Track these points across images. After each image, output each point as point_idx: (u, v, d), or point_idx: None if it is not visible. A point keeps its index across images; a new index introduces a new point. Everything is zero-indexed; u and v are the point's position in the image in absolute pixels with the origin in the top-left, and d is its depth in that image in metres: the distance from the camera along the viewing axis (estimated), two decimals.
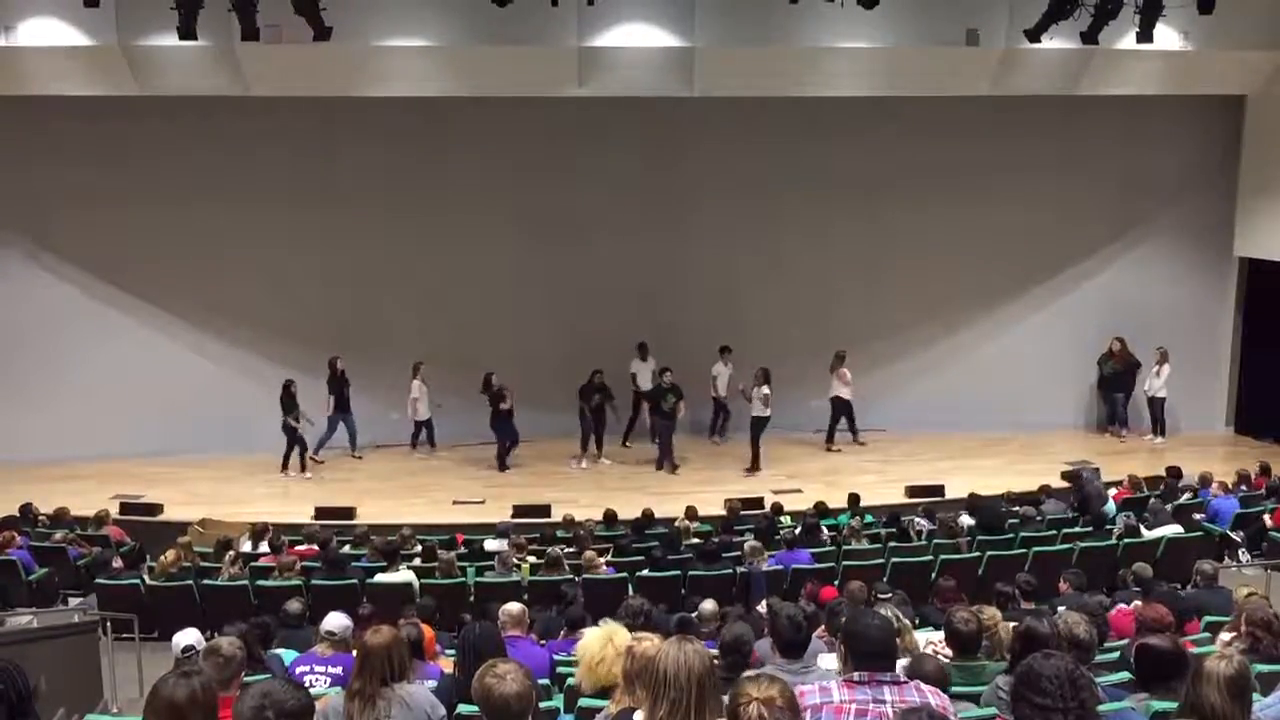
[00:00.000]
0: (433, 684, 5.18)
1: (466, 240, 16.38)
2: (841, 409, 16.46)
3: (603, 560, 10.94)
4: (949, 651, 5.61)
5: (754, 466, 15.50)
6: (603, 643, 4.71)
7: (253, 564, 10.89)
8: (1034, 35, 13.28)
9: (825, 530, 12.07)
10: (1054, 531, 11.75)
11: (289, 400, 15.12)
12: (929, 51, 14.26)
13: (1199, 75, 15.38)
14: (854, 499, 13.00)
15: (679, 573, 10.53)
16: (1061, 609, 7.51)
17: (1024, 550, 11.06)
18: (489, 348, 16.02)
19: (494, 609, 7.09)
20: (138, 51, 13.39)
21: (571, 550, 11.34)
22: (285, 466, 15.37)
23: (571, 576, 10.22)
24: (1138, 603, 7.87)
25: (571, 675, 5.44)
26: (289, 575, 10.14)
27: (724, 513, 13.13)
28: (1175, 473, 13.88)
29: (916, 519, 12.44)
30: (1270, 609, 6.27)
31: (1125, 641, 6.49)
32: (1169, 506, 12.29)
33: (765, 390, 15.11)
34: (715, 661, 5.13)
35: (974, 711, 4.79)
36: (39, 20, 13.09)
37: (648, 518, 12.62)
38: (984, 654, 5.63)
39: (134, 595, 10.15)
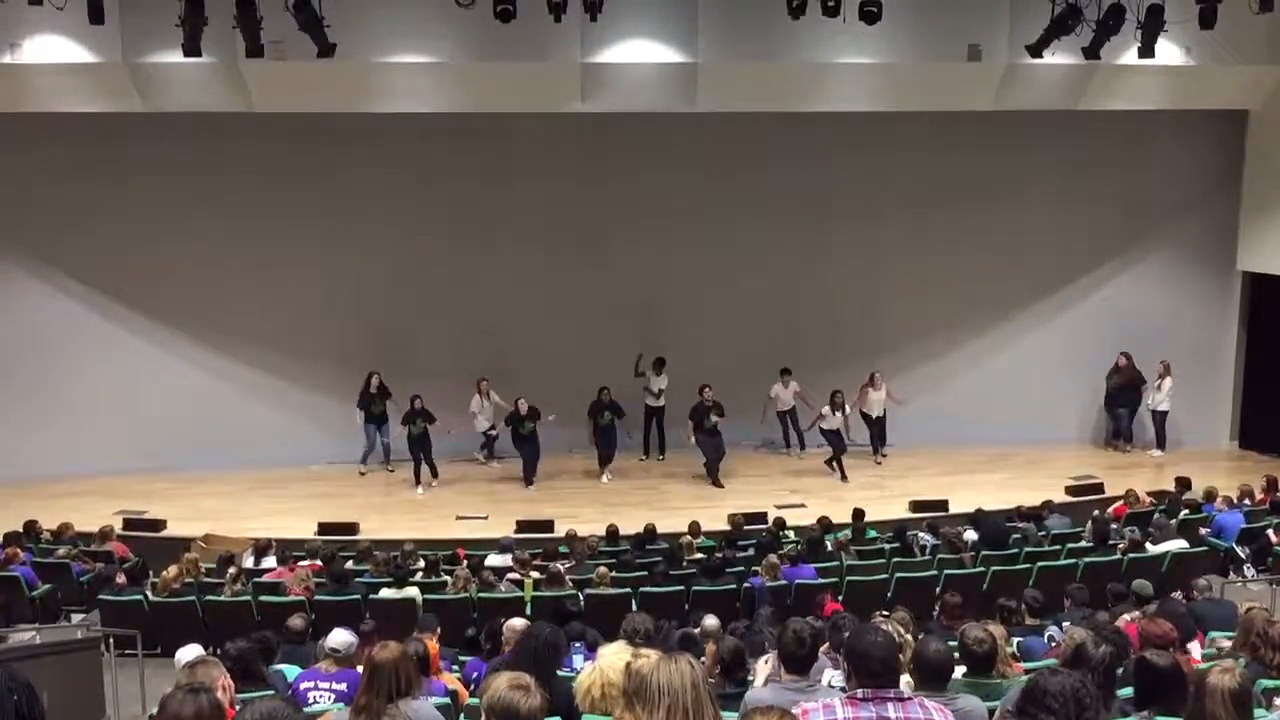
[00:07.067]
0: (438, 700, 5.18)
1: (471, 255, 16.41)
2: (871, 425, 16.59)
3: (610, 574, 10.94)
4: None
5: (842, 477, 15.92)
6: (593, 677, 4.70)
7: (256, 580, 10.89)
8: (1036, 51, 13.31)
9: (829, 545, 12.06)
10: (1058, 546, 11.75)
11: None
12: (931, 67, 14.30)
13: (1201, 90, 15.41)
14: (859, 514, 12.99)
15: (682, 588, 10.53)
16: (1065, 624, 7.51)
17: (1028, 565, 11.06)
18: (491, 363, 16.05)
19: (499, 624, 7.10)
20: (143, 68, 13.45)
21: (571, 565, 11.36)
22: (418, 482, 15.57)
23: (575, 592, 10.23)
24: (1135, 614, 7.86)
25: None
26: (303, 589, 10.18)
27: (727, 527, 13.14)
28: (1184, 483, 13.90)
29: (920, 534, 12.43)
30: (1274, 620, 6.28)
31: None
32: (1174, 521, 12.27)
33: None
34: (711, 679, 5.15)
35: None
36: (45, 37, 13.12)
37: (650, 533, 12.61)
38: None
39: (137, 611, 10.14)
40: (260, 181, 15.79)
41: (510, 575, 11.10)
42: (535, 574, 11.04)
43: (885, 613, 8.28)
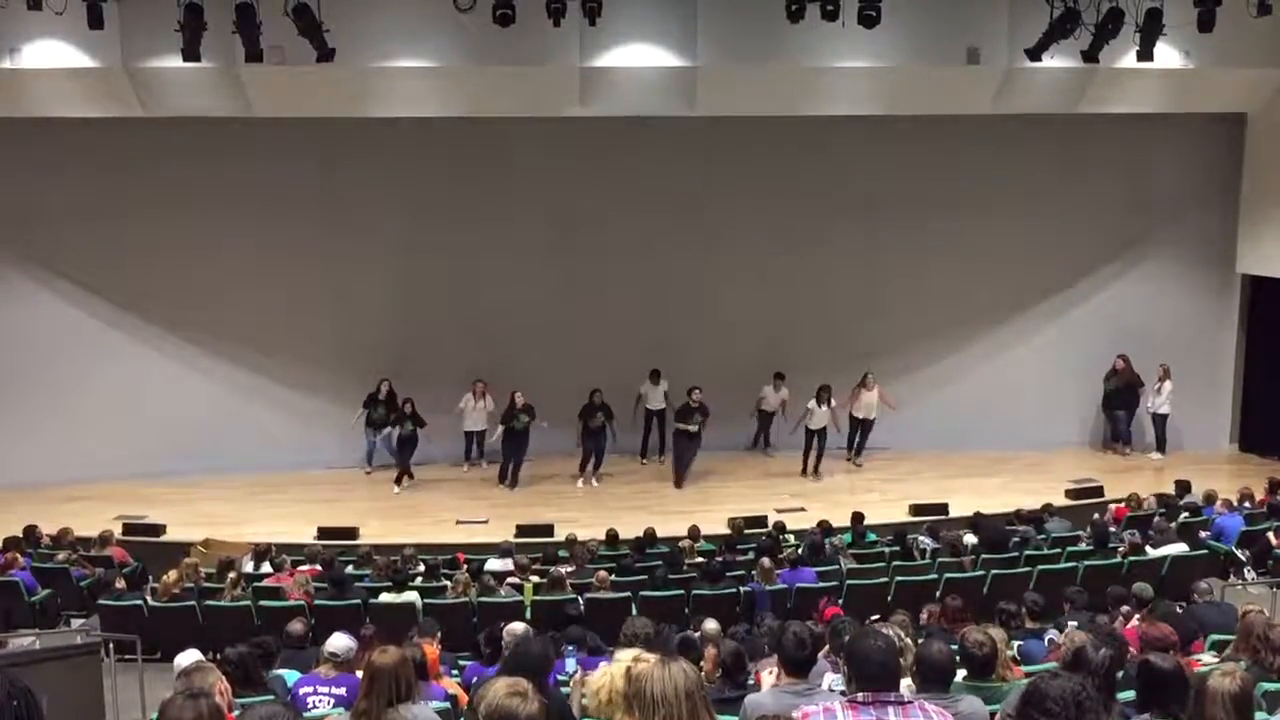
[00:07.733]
0: (438, 705, 5.17)
1: (470, 259, 16.38)
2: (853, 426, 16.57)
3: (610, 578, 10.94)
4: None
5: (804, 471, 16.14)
6: (602, 681, 4.71)
7: (255, 584, 10.88)
8: (1035, 54, 13.31)
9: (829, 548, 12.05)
10: (1058, 550, 11.73)
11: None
12: (930, 71, 14.31)
13: (1200, 93, 15.42)
14: (858, 517, 12.99)
15: (681, 592, 10.52)
16: (1071, 624, 7.51)
17: (1028, 569, 11.05)
18: (490, 365, 16.04)
19: (499, 629, 7.09)
20: (142, 73, 13.45)
21: (571, 569, 11.36)
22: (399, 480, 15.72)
23: (574, 596, 10.23)
24: (1136, 620, 7.86)
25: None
26: (303, 593, 10.17)
27: (727, 531, 13.13)
28: (1184, 486, 13.89)
29: (921, 538, 12.43)
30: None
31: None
32: (1173, 525, 12.26)
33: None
34: (711, 682, 5.14)
35: None
36: (44, 43, 13.11)
37: (650, 537, 12.61)
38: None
39: (137, 616, 10.13)
40: (260, 186, 15.76)
41: (510, 579, 11.10)
42: (535, 578, 11.04)
43: (877, 616, 8.29)
